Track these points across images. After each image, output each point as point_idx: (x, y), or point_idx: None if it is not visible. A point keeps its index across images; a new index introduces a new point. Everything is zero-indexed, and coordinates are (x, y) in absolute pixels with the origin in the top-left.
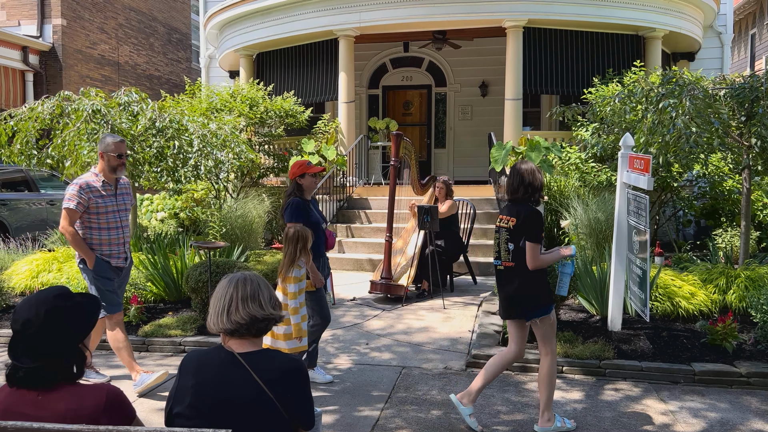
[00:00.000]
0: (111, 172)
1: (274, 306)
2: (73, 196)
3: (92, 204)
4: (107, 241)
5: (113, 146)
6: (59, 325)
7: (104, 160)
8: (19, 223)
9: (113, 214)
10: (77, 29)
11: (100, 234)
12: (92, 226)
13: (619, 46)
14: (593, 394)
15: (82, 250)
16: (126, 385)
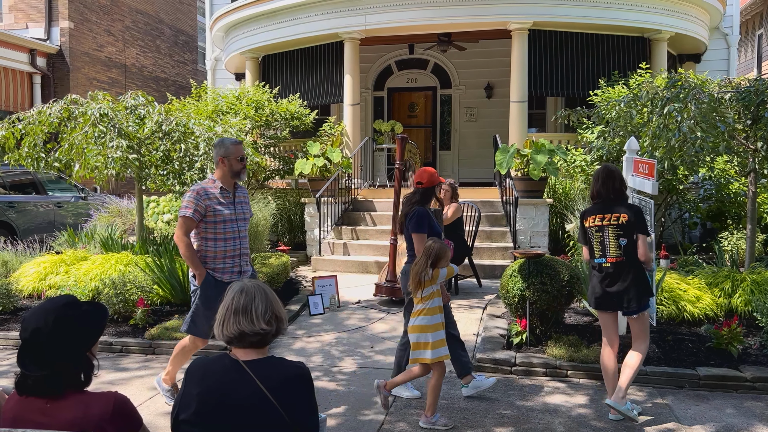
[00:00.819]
0: (234, 177)
1: (270, 320)
2: (189, 203)
3: (209, 212)
4: (222, 253)
5: (234, 149)
6: (67, 333)
7: (225, 165)
8: (26, 225)
9: (231, 224)
10: (84, 32)
11: (216, 245)
12: (207, 236)
13: (624, 48)
14: (598, 399)
15: (193, 263)
16: (131, 390)
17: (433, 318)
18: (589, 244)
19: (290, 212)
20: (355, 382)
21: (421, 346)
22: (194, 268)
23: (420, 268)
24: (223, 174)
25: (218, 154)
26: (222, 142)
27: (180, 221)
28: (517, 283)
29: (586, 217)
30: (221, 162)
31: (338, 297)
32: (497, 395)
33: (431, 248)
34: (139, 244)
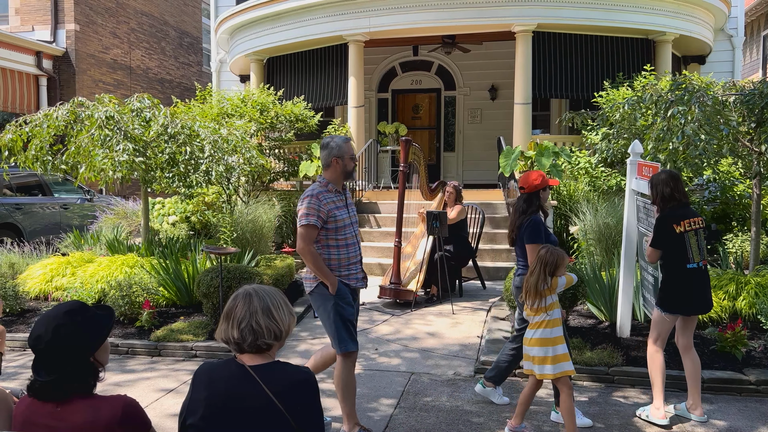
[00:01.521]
0: (346, 178)
1: (245, 331)
2: (310, 209)
3: (330, 218)
4: (346, 260)
5: (347, 147)
6: (67, 340)
7: (339, 166)
8: (33, 227)
9: (349, 228)
10: (90, 34)
11: (339, 252)
12: (329, 243)
13: (629, 50)
14: (602, 401)
15: (323, 273)
16: (138, 392)
17: (554, 330)
18: (680, 249)
19: (295, 214)
20: (359, 384)
21: (539, 360)
22: (325, 277)
23: (537, 278)
24: (336, 175)
25: (331, 155)
26: (334, 142)
27: (302, 231)
28: None
29: (678, 221)
30: (335, 162)
31: None
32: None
33: (546, 256)
34: (145, 245)
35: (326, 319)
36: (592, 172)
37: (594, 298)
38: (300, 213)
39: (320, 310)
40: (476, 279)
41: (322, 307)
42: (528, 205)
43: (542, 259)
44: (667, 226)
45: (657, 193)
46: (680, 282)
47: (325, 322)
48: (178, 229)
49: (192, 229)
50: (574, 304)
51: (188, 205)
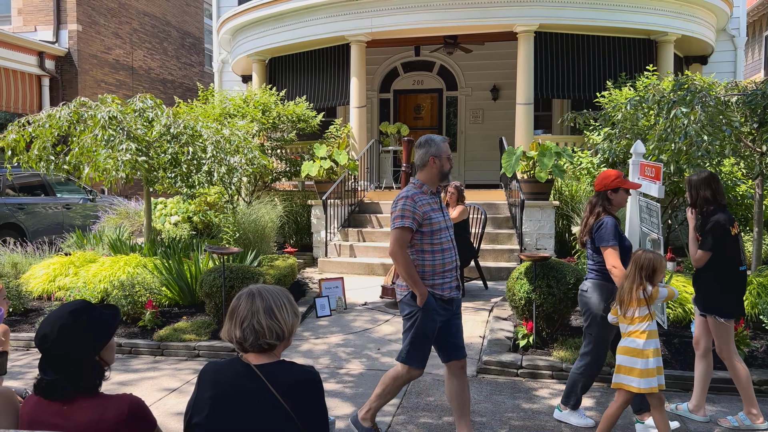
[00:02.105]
0: (442, 179)
1: (247, 331)
2: (405, 211)
3: (425, 220)
4: (441, 266)
5: (445, 147)
6: (72, 340)
7: (436, 166)
8: (35, 227)
9: (445, 232)
10: (92, 34)
11: (434, 258)
12: (424, 248)
13: (631, 50)
14: (603, 401)
15: (414, 282)
16: (141, 391)
17: (647, 342)
18: (735, 252)
19: (297, 214)
20: (362, 384)
21: (626, 371)
22: (416, 288)
23: (631, 283)
24: (431, 176)
25: (429, 154)
26: (432, 140)
27: (396, 234)
28: (524, 286)
29: (732, 223)
30: (431, 162)
31: (345, 299)
32: (502, 398)
33: (643, 259)
34: (148, 245)
35: (407, 329)
36: (594, 172)
37: None
38: (394, 215)
39: (405, 319)
40: (478, 279)
41: (407, 317)
42: (595, 206)
43: (637, 262)
44: (726, 229)
45: (697, 195)
46: (735, 285)
47: (408, 331)
48: (181, 229)
49: (194, 230)
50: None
51: (190, 205)
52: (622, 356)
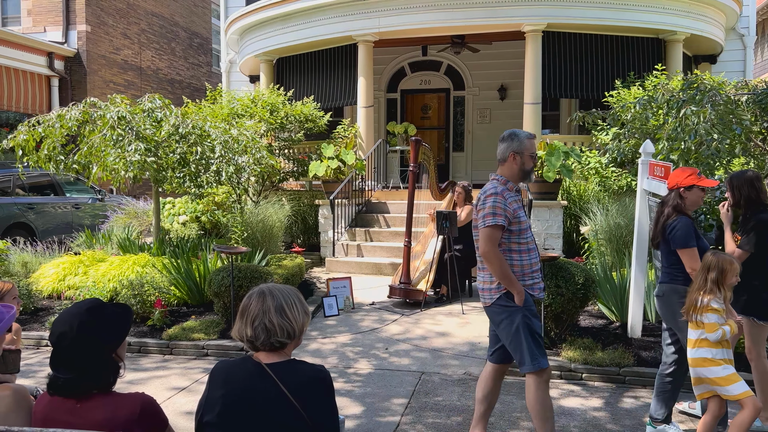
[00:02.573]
0: (523, 177)
1: (258, 329)
2: (496, 208)
3: (514, 218)
4: (529, 266)
5: (529, 144)
6: (91, 337)
7: (517, 162)
8: (45, 227)
9: (529, 231)
10: (101, 35)
11: (521, 257)
12: (512, 247)
13: (639, 50)
14: (613, 402)
15: (510, 281)
16: (150, 390)
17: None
18: None
19: (304, 214)
20: (370, 383)
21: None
22: (514, 287)
23: (697, 287)
24: (513, 173)
25: (510, 149)
26: (516, 135)
27: (487, 232)
28: None
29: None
30: (512, 158)
31: (352, 299)
32: (511, 398)
33: (713, 263)
34: (156, 245)
35: (513, 334)
36: (603, 172)
37: (605, 299)
38: (483, 212)
39: (503, 324)
40: None
41: (507, 321)
42: (667, 205)
43: (706, 265)
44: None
45: (741, 195)
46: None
47: (511, 337)
48: (189, 229)
49: (202, 229)
50: (585, 305)
51: (198, 204)
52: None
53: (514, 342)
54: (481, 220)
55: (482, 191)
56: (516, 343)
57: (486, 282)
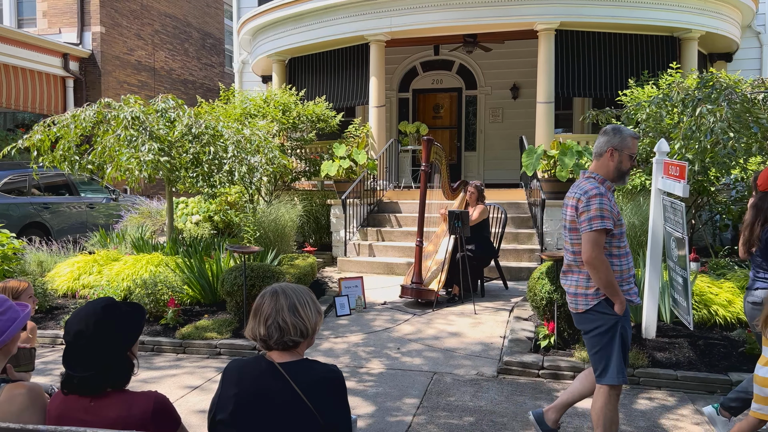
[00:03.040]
0: (617, 179)
1: (272, 328)
2: (604, 211)
3: (618, 221)
4: (627, 270)
5: (632, 143)
6: (108, 335)
7: (613, 160)
8: (60, 226)
9: (625, 235)
10: (115, 36)
11: (621, 262)
12: (612, 251)
13: (654, 48)
14: (627, 403)
15: (614, 289)
16: (164, 388)
17: None
18: None
19: (316, 213)
20: (383, 383)
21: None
22: (617, 296)
23: None
24: (608, 170)
25: (610, 144)
26: (619, 131)
27: (594, 237)
28: (545, 286)
29: None
30: (609, 154)
31: (364, 298)
32: (524, 398)
33: None
34: (170, 244)
35: (605, 343)
36: None
37: None
38: (589, 215)
39: (595, 332)
40: (498, 279)
41: (601, 328)
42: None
43: None
44: None
45: None
46: None
47: (601, 345)
48: (202, 229)
49: (215, 229)
50: None
51: (211, 204)
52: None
53: (603, 351)
54: (587, 223)
55: (579, 190)
56: (604, 353)
57: (581, 287)
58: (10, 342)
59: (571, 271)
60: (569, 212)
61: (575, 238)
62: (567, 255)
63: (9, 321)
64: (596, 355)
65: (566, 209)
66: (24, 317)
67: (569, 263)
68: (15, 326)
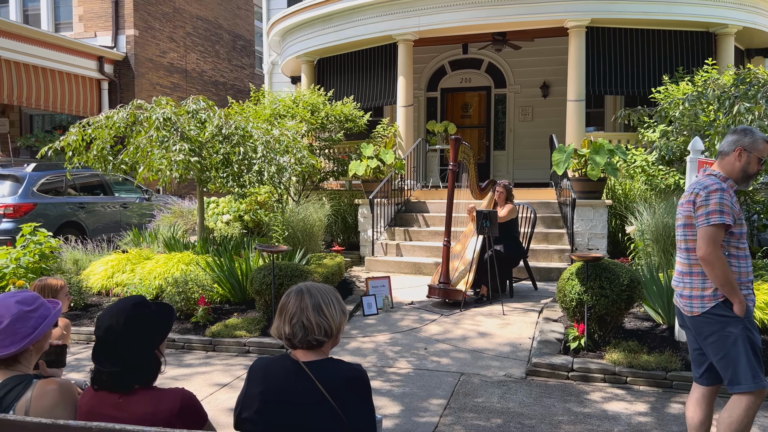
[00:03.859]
0: (743, 180)
1: (296, 327)
2: (724, 206)
3: (738, 220)
4: (746, 274)
5: (763, 147)
6: (137, 332)
7: (740, 161)
8: (95, 225)
9: (745, 236)
10: (148, 39)
11: (739, 264)
12: (731, 252)
13: (688, 44)
14: (659, 407)
15: (732, 288)
16: (194, 386)
17: None
18: None
19: (344, 213)
20: (409, 383)
21: None
22: (735, 295)
23: None
24: (733, 170)
25: (739, 144)
26: (751, 132)
27: (711, 232)
28: (575, 287)
29: None
30: (737, 154)
31: (391, 298)
32: (552, 401)
33: None
34: (200, 243)
35: (729, 347)
36: (649, 170)
37: (651, 300)
38: (707, 209)
39: (715, 336)
40: (527, 279)
41: (721, 332)
42: None
43: None
44: None
45: None
46: None
47: (726, 351)
48: (232, 228)
49: (245, 228)
50: (630, 307)
51: (242, 204)
52: None
53: (728, 357)
54: (704, 217)
55: (698, 185)
56: (732, 359)
57: (696, 288)
58: (42, 339)
59: (685, 272)
60: (685, 208)
61: (690, 234)
62: (680, 255)
63: (40, 318)
64: (721, 362)
65: (682, 206)
66: (54, 315)
67: (682, 262)
68: (46, 324)
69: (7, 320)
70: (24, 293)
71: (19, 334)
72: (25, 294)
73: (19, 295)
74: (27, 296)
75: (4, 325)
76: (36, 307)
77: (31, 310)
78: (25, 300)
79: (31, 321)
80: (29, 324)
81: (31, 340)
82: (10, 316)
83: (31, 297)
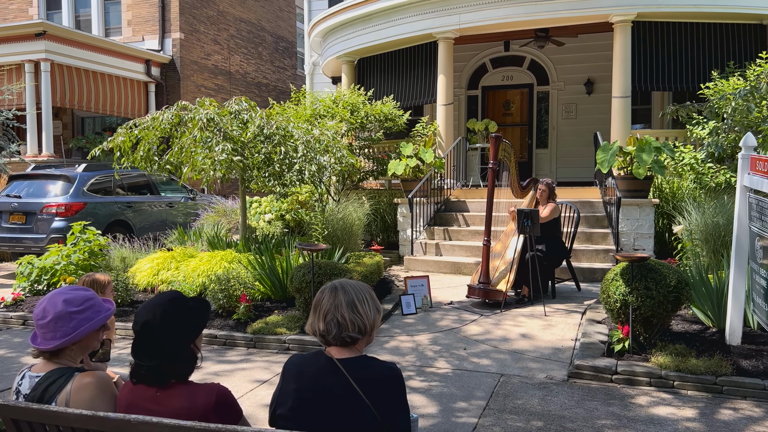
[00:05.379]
0: None
1: (330, 324)
2: None
3: None
4: None
5: None
6: (173, 326)
7: None
8: (141, 224)
9: None
10: (193, 42)
11: None
12: None
13: (739, 37)
14: (709, 413)
15: None
16: (234, 382)
17: None
18: None
19: (383, 212)
20: (448, 383)
21: None
22: None
23: None
24: None
25: None
26: None
27: None
28: (619, 288)
29: None
30: None
31: (430, 297)
32: (596, 404)
33: None
34: (242, 242)
35: None
36: (698, 168)
37: (700, 303)
38: None
39: None
40: (570, 280)
41: None
42: None
43: None
44: None
45: None
46: None
47: None
48: (274, 227)
49: (286, 227)
50: (678, 308)
51: (283, 203)
52: None
53: None
54: None
55: None
56: None
57: None
58: (84, 339)
59: None
60: None
61: None
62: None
63: (84, 320)
64: None
65: None
66: (103, 318)
67: None
68: (89, 326)
69: (50, 316)
70: (77, 292)
71: (59, 332)
72: (77, 293)
73: (70, 294)
74: (77, 296)
75: (47, 321)
76: (83, 309)
77: (76, 311)
78: (73, 300)
79: (73, 322)
80: (70, 324)
81: (70, 339)
82: (53, 313)
83: (81, 297)
